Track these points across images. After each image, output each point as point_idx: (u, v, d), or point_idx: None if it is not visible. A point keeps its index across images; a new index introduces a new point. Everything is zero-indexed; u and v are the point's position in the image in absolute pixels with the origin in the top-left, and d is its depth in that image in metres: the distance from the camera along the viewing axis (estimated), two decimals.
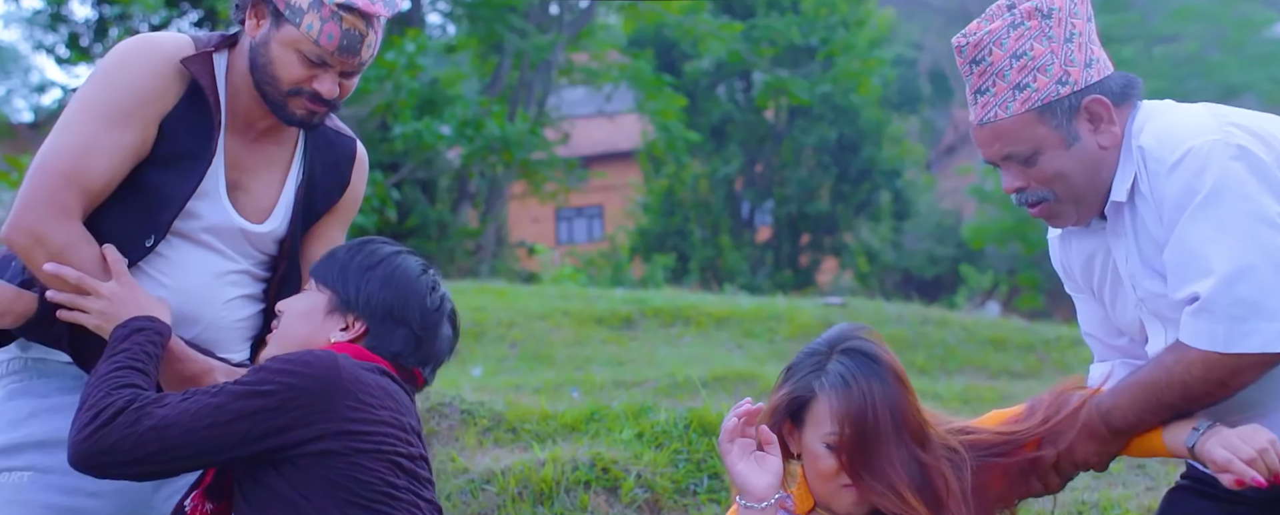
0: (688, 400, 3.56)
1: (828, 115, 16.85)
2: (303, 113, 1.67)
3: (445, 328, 1.59)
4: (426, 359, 1.57)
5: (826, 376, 1.51)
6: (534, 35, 13.38)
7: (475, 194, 13.84)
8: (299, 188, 1.74)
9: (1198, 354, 1.44)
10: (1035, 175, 1.54)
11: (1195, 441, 1.46)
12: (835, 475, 1.50)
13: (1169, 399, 1.47)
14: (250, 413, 1.42)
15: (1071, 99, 1.52)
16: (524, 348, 5.70)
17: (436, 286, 1.59)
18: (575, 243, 20.31)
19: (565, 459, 2.75)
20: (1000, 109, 1.54)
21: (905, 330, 6.06)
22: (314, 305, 1.55)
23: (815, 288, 16.22)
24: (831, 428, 1.49)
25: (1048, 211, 1.57)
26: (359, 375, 1.47)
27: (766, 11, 16.71)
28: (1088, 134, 1.53)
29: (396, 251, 1.59)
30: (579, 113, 18.10)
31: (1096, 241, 1.59)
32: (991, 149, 1.57)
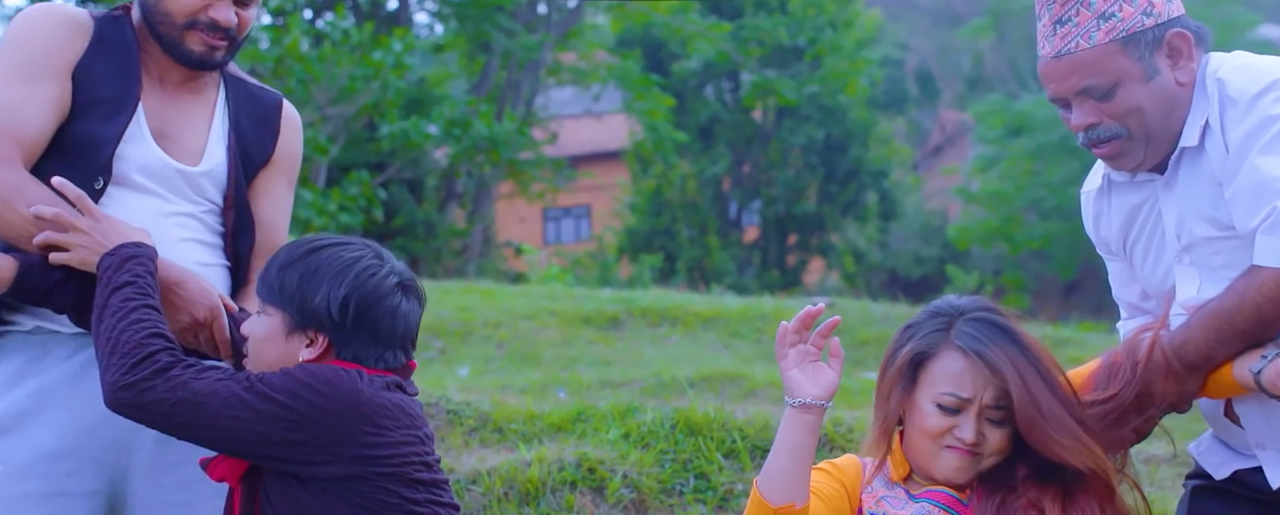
0: (674, 400, 3.56)
1: (815, 116, 16.90)
2: (202, 48, 1.67)
3: (402, 305, 1.52)
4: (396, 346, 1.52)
5: (945, 332, 1.51)
6: (522, 35, 13.37)
7: (462, 194, 13.81)
8: (228, 133, 1.73)
9: (1271, 273, 1.40)
10: (1110, 110, 1.51)
11: (1262, 368, 1.43)
12: (942, 434, 1.48)
13: (1242, 325, 1.43)
14: (271, 418, 1.44)
15: (1155, 31, 1.51)
16: (511, 348, 5.70)
17: (377, 269, 1.51)
18: (562, 243, 20.30)
19: (551, 459, 2.75)
20: (1083, 39, 1.51)
21: (891, 331, 6.07)
22: (272, 330, 1.52)
23: (802, 288, 16.25)
24: (952, 386, 1.48)
25: (1117, 149, 1.53)
26: (377, 398, 1.47)
27: (754, 12, 16.74)
28: (1167, 69, 1.51)
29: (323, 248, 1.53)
30: (567, 112, 18.09)
31: (1144, 195, 1.58)
32: (1067, 83, 1.52)
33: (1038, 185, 15.28)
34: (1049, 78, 1.55)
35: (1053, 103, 1.58)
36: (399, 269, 1.54)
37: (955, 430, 1.48)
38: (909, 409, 1.52)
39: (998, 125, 15.78)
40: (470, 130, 12.00)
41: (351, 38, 10.93)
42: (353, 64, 10.64)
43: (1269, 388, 1.42)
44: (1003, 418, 1.48)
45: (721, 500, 2.76)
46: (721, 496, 2.76)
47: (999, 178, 15.83)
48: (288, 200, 1.82)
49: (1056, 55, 1.53)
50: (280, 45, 10.55)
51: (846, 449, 2.91)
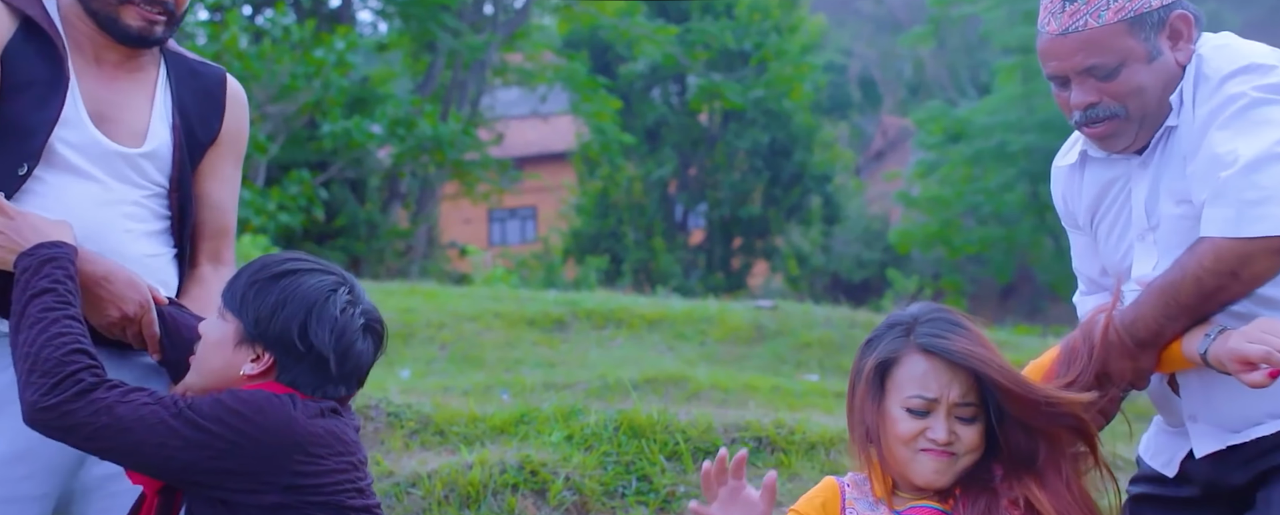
0: (618, 402, 3.56)
1: (760, 120, 17.05)
2: (139, 23, 1.62)
3: (361, 344, 1.50)
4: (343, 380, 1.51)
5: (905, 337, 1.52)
6: (467, 35, 13.27)
7: (406, 194, 13.67)
8: (172, 112, 1.68)
9: (1209, 243, 1.41)
10: (1112, 90, 1.51)
11: (1207, 347, 1.43)
12: (914, 438, 1.49)
13: (1185, 298, 1.43)
14: (200, 446, 1.42)
15: (1161, 12, 1.51)
16: (454, 349, 5.65)
17: (347, 305, 1.49)
18: (508, 244, 20.19)
19: (493, 461, 2.73)
20: (1092, 17, 1.50)
21: (833, 333, 6.15)
22: (224, 336, 1.50)
23: (746, 290, 16.38)
24: (918, 388, 1.49)
25: (1112, 129, 1.52)
26: (310, 426, 1.45)
27: (701, 15, 16.84)
28: (1168, 50, 1.51)
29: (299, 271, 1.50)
30: (513, 113, 17.99)
31: (1117, 172, 1.58)
32: (1073, 60, 1.51)
33: (975, 191, 15.62)
34: (1052, 54, 1.53)
35: (1050, 80, 1.56)
36: (367, 308, 1.52)
37: (927, 432, 1.49)
38: (881, 420, 1.52)
39: (937, 131, 16.10)
40: (414, 130, 11.88)
41: (292, 35, 10.76)
42: (293, 61, 10.47)
43: (1215, 364, 1.43)
44: (972, 415, 1.49)
45: (663, 502, 2.77)
46: (663, 499, 2.77)
47: (938, 183, 16.15)
48: (236, 179, 1.76)
49: (1063, 32, 1.51)
50: (218, 41, 10.34)
51: (787, 451, 2.93)
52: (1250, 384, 1.40)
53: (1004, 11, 15.22)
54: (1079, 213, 1.65)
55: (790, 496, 2.78)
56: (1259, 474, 1.50)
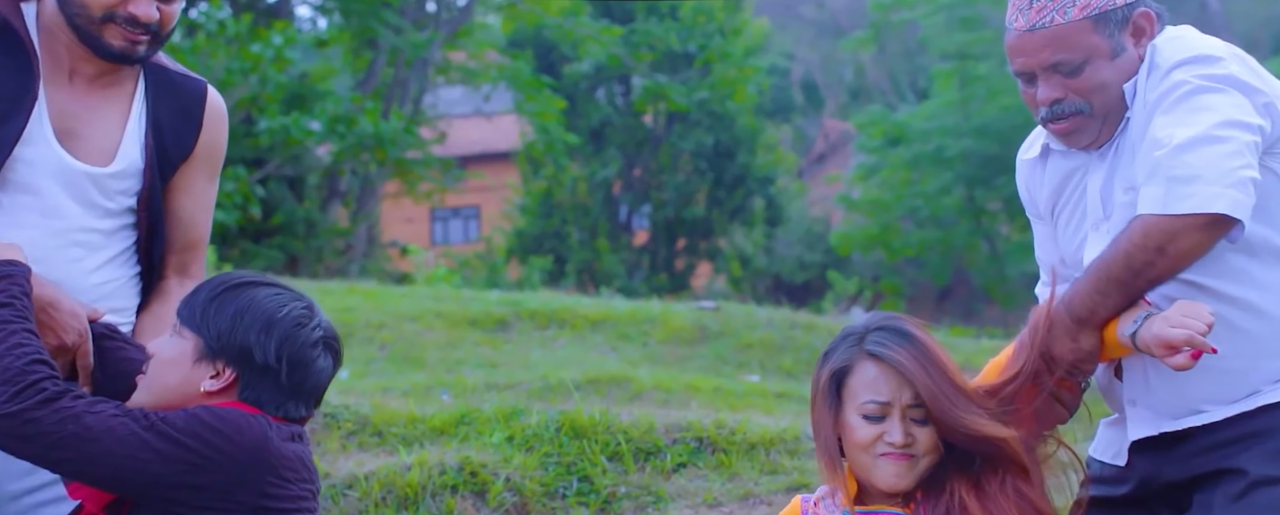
0: (560, 403, 3.55)
1: (705, 121, 17.15)
2: (121, 43, 1.58)
3: (320, 361, 1.51)
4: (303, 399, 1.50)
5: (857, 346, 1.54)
6: (410, 32, 13.12)
7: (346, 192, 13.47)
8: (145, 130, 1.63)
9: (1140, 220, 1.44)
10: (1076, 86, 1.53)
11: (1135, 330, 1.45)
12: (873, 444, 1.51)
13: (1116, 273, 1.45)
14: (172, 459, 1.39)
15: (1125, 10, 1.54)
16: (394, 350, 5.58)
17: (306, 321, 1.49)
18: (450, 244, 20.00)
19: (432, 463, 2.70)
20: (1058, 14, 1.52)
21: (774, 334, 6.21)
22: (181, 352, 1.47)
23: (690, 292, 16.46)
24: (868, 396, 1.51)
25: (1076, 125, 1.55)
26: (283, 450, 1.44)
27: (646, 17, 16.88)
28: (1131, 47, 1.54)
29: (259, 287, 1.50)
30: (456, 112, 17.84)
31: (1076, 163, 1.61)
32: (1039, 56, 1.53)
33: (914, 195, 15.89)
34: (1019, 51, 1.55)
35: (1017, 77, 1.59)
36: (325, 325, 1.52)
37: (885, 436, 1.51)
38: (842, 430, 1.55)
39: (878, 135, 16.35)
40: (355, 127, 11.71)
41: (228, 29, 10.52)
42: (229, 56, 10.25)
43: (1142, 347, 1.45)
44: (925, 416, 1.52)
45: (604, 503, 2.77)
46: (604, 499, 2.77)
47: (878, 186, 16.39)
48: (209, 194, 1.73)
49: (1031, 28, 1.54)
50: None
51: (728, 451, 2.95)
52: (1174, 367, 1.42)
53: (942, 18, 15.50)
54: (1041, 203, 1.68)
55: (730, 496, 2.81)
56: (1195, 476, 1.52)
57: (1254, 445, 1.48)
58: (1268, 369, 1.50)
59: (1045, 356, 1.52)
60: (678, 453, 2.94)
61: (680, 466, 2.91)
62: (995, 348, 5.82)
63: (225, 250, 10.87)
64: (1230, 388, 1.50)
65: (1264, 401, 1.49)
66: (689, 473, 2.89)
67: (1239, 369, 1.49)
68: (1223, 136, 1.41)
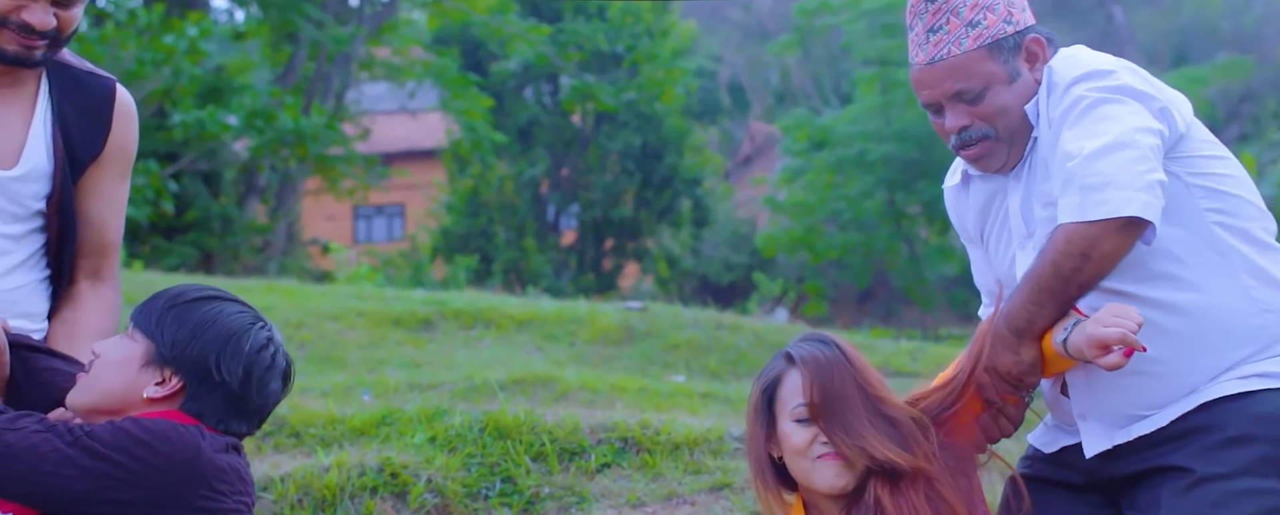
0: (485, 403, 3.52)
1: (633, 122, 17.18)
2: (16, 48, 1.53)
3: (273, 384, 1.50)
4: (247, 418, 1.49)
5: (781, 361, 1.59)
6: (332, 26, 12.85)
7: (265, 188, 13.13)
8: (51, 130, 1.58)
9: (1061, 229, 1.50)
10: (979, 112, 1.62)
11: (1066, 337, 1.51)
12: (809, 447, 1.54)
13: (1046, 282, 1.51)
14: (98, 475, 1.35)
15: (1016, 37, 1.63)
16: (313, 349, 5.45)
17: (268, 343, 1.49)
18: (374, 242, 19.66)
19: (351, 464, 2.65)
20: (954, 46, 1.62)
21: (700, 335, 6.26)
22: (130, 355, 1.45)
23: (617, 292, 16.47)
24: (798, 400, 1.55)
25: (985, 150, 1.64)
26: (217, 461, 1.41)
27: (573, 16, 16.84)
28: (1026, 71, 1.63)
29: (223, 302, 1.49)
30: (380, 108, 17.54)
31: (996, 186, 1.69)
32: (942, 87, 1.63)
33: (837, 198, 16.17)
34: (923, 84, 1.65)
35: (926, 108, 1.67)
36: (282, 347, 1.52)
37: (819, 439, 1.54)
38: (779, 442, 1.57)
39: (803, 138, 16.59)
40: (274, 123, 11.42)
41: (139, 19, 10.16)
42: (140, 47, 9.90)
43: (1074, 351, 1.50)
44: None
45: (527, 504, 2.75)
46: (528, 500, 2.75)
47: (803, 189, 16.63)
48: (121, 194, 1.68)
49: (930, 61, 1.64)
50: None
51: (652, 451, 2.96)
52: (1107, 366, 1.46)
53: (864, 24, 15.81)
54: (970, 227, 1.76)
55: (654, 496, 2.81)
56: (1141, 471, 1.57)
57: (1196, 441, 1.53)
58: (1202, 366, 1.55)
59: (990, 370, 1.56)
60: (602, 453, 2.94)
61: (604, 467, 2.90)
62: (913, 349, 5.97)
63: (136, 247, 10.52)
64: (1171, 389, 1.56)
65: (1203, 399, 1.55)
66: (613, 473, 2.88)
67: (1176, 370, 1.55)
68: (1128, 143, 1.49)
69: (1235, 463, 1.51)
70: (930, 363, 5.33)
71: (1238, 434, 1.52)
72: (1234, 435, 1.52)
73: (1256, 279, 1.56)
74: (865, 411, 1.54)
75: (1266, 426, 1.52)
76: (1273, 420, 1.52)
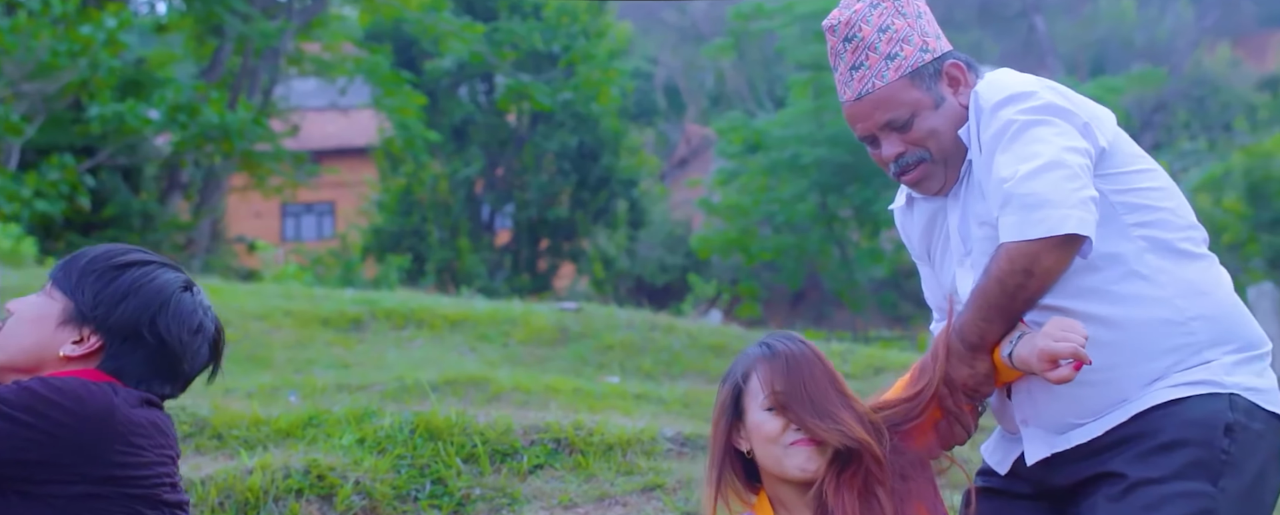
0: (416, 404, 3.46)
1: (569, 122, 17.13)
2: None
3: (203, 347, 1.48)
4: (170, 381, 1.46)
5: (752, 355, 1.63)
6: (259, 20, 12.55)
7: (188, 184, 12.77)
8: None
9: (1003, 248, 1.57)
10: (911, 138, 1.70)
11: (1011, 350, 1.57)
12: (781, 434, 1.57)
13: (993, 299, 1.58)
14: (7, 436, 1.31)
15: (934, 64, 1.71)
16: (238, 349, 5.31)
17: (196, 308, 1.47)
18: (303, 240, 19.27)
19: (276, 466, 2.58)
20: (877, 79, 1.69)
21: (635, 336, 6.26)
22: (47, 312, 1.41)
23: (552, 292, 16.40)
24: (767, 391, 1.58)
25: (923, 173, 1.71)
26: (132, 416, 1.38)
27: (509, 15, 16.72)
28: (950, 95, 1.71)
29: (149, 263, 1.47)
30: (310, 105, 17.20)
31: (936, 207, 1.77)
32: (872, 119, 1.70)
33: (771, 200, 16.34)
34: (855, 118, 1.72)
35: (863, 141, 1.74)
36: (211, 312, 1.50)
37: (791, 427, 1.58)
38: (746, 435, 1.61)
39: (737, 141, 16.73)
40: (198, 117, 11.10)
41: (54, 8, 9.78)
42: (55, 38, 9.52)
43: (1020, 364, 1.57)
44: None
45: (458, 505, 2.71)
46: (458, 501, 2.72)
47: (738, 191, 16.78)
48: None
49: (857, 97, 1.71)
50: None
51: (585, 452, 2.95)
52: (1056, 380, 1.52)
53: (797, 29, 16.01)
54: (917, 245, 1.82)
55: (586, 497, 2.80)
56: (1080, 481, 1.63)
57: (1128, 449, 1.59)
58: (1134, 374, 1.61)
59: (947, 382, 1.62)
60: (535, 454, 2.91)
61: (537, 468, 2.88)
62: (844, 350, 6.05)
63: (49, 243, 10.13)
64: (1104, 397, 1.61)
65: (1137, 409, 1.59)
66: (545, 474, 2.86)
67: (1108, 379, 1.60)
68: (1060, 163, 1.56)
69: (1167, 467, 1.56)
70: (861, 364, 5.41)
71: (1169, 439, 1.57)
72: (1166, 441, 1.57)
73: (1182, 290, 1.62)
74: (836, 398, 1.60)
75: (1197, 431, 1.57)
76: (1203, 425, 1.57)
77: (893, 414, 1.63)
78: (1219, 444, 1.56)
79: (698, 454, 2.97)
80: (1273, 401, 1.61)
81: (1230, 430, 1.56)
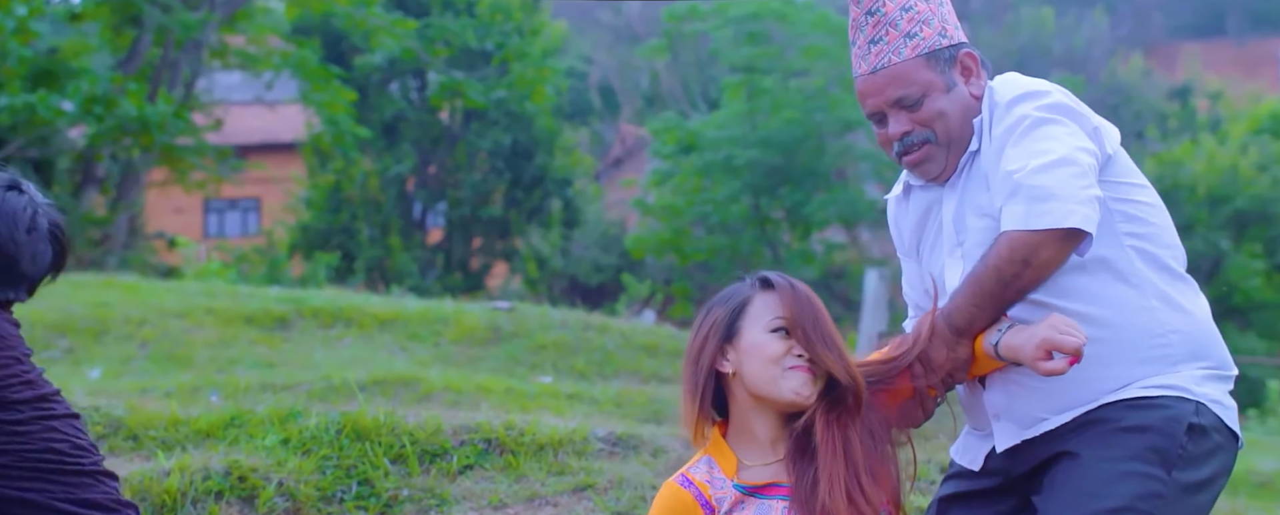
0: (343, 404, 3.40)
1: (502, 121, 16.99)
2: None
3: (42, 245, 1.46)
4: (12, 284, 1.44)
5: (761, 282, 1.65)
6: (180, 11, 12.17)
7: (104, 178, 12.33)
8: None
9: (1004, 236, 1.60)
10: (919, 118, 1.73)
11: (998, 340, 1.61)
12: (783, 356, 1.60)
13: (988, 286, 1.61)
14: None
15: (950, 50, 1.75)
16: (156, 348, 5.15)
17: (28, 205, 1.45)
18: (227, 237, 18.78)
19: (195, 467, 2.50)
20: (893, 54, 1.73)
21: (568, 335, 6.23)
22: None
23: (485, 292, 16.25)
24: (778, 312, 1.61)
25: (925, 155, 1.74)
26: None
27: (442, 11, 16.52)
28: (961, 83, 1.75)
29: None
30: (235, 99, 16.76)
31: (933, 197, 1.79)
32: (884, 95, 1.73)
33: (704, 201, 16.44)
34: (867, 92, 1.75)
35: (870, 119, 1.77)
36: (50, 211, 1.47)
37: (794, 351, 1.61)
38: (735, 357, 1.62)
39: (672, 142, 16.79)
40: (115, 110, 10.73)
41: None
42: None
43: (1006, 353, 1.60)
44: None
45: (385, 506, 2.66)
46: (385, 503, 2.67)
47: (672, 192, 16.83)
48: None
49: (872, 71, 1.74)
50: None
51: (516, 453, 2.92)
52: (1048, 371, 1.56)
53: (731, 31, 16.13)
54: (907, 237, 1.84)
55: (516, 498, 2.77)
56: (1040, 462, 1.67)
57: (1086, 431, 1.64)
58: (1108, 376, 1.64)
59: (924, 361, 1.65)
60: (465, 454, 2.88)
61: (467, 468, 2.84)
62: None
63: None
64: (1077, 395, 1.65)
65: (1102, 401, 1.64)
66: (475, 474, 2.83)
67: (1084, 379, 1.63)
68: (1071, 160, 1.61)
69: (1125, 448, 1.60)
70: None
71: (1131, 425, 1.61)
72: (1127, 426, 1.62)
73: (1163, 302, 1.67)
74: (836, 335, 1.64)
75: (1160, 421, 1.61)
76: (1167, 419, 1.61)
77: (867, 371, 1.66)
78: (1179, 438, 1.60)
79: (629, 454, 2.97)
80: (1233, 420, 1.67)
81: (1192, 430, 1.61)
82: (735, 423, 1.65)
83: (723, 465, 1.61)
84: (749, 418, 1.63)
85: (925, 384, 1.66)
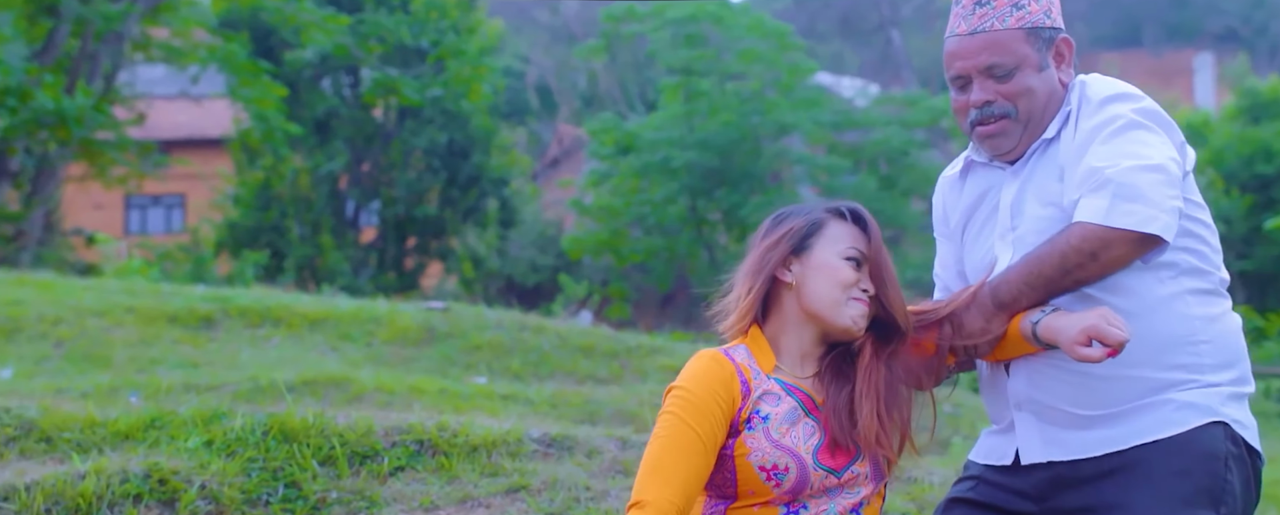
0: (270, 405, 3.31)
1: (438, 119, 16.79)
2: None
3: None
4: None
5: (841, 209, 1.68)
6: (99, 2, 11.76)
7: (18, 173, 11.87)
8: None
9: (1079, 226, 1.60)
10: (1006, 90, 1.72)
11: (1040, 319, 1.61)
12: (853, 286, 1.63)
13: (1048, 269, 1.61)
14: None
15: (1051, 31, 1.75)
16: (72, 347, 4.96)
17: None
18: (149, 234, 18.22)
19: (112, 470, 2.41)
20: (997, 21, 1.72)
21: (504, 336, 6.18)
22: None
23: (419, 291, 16.04)
24: (856, 244, 1.65)
25: (1001, 129, 1.73)
26: None
27: (375, 8, 16.26)
28: (1053, 67, 1.75)
29: None
30: (158, 92, 16.27)
31: (993, 180, 1.78)
32: (977, 59, 1.72)
33: (642, 202, 16.46)
34: (959, 54, 1.74)
35: (952, 84, 1.76)
36: None
37: (862, 283, 1.64)
38: (800, 271, 1.65)
39: (609, 143, 16.78)
40: (30, 102, 10.34)
41: None
42: None
43: (1044, 334, 1.61)
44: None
45: (312, 509, 2.60)
46: (313, 505, 2.61)
47: (609, 193, 16.83)
48: None
49: (972, 32, 1.73)
50: None
51: (449, 454, 2.88)
52: (1086, 358, 1.57)
53: (668, 33, 16.18)
54: (954, 217, 1.83)
55: (448, 499, 2.73)
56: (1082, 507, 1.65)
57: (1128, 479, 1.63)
58: (1137, 377, 1.65)
59: (954, 323, 1.67)
60: (396, 456, 2.83)
61: (398, 470, 2.79)
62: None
63: None
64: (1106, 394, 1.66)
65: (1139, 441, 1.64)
66: (407, 476, 2.78)
67: (1115, 376, 1.65)
68: (1164, 167, 1.62)
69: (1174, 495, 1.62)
70: None
71: (1175, 470, 1.63)
72: (1172, 470, 1.63)
73: (1203, 313, 1.70)
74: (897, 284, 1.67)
75: (1203, 461, 1.64)
76: (1208, 456, 1.64)
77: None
78: (1221, 474, 1.64)
79: (564, 455, 2.94)
80: (1254, 437, 1.71)
81: (1228, 462, 1.65)
82: (772, 329, 1.67)
83: (760, 360, 1.64)
84: (790, 328, 1.65)
85: (948, 346, 1.68)
